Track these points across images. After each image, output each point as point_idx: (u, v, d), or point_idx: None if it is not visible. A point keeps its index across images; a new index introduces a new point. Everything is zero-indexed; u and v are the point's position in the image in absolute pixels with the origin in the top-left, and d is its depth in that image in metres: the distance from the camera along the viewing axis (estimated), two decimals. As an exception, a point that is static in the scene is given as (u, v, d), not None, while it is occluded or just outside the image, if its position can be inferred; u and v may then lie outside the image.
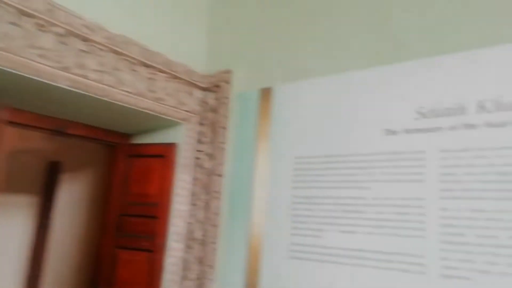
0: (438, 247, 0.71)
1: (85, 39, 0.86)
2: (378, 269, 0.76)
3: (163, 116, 1.05)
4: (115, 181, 1.17)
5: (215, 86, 1.13)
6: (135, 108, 0.98)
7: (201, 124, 1.13)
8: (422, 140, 0.77)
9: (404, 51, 0.84)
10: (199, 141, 1.12)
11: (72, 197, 1.59)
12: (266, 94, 1.04)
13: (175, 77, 1.07)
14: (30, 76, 0.79)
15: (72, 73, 0.84)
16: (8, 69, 0.76)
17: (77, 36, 0.85)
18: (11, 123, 0.93)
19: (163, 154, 1.12)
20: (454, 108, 0.75)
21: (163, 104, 1.03)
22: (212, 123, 1.11)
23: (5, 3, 0.74)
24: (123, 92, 0.94)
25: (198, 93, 1.14)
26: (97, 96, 0.90)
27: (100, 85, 0.89)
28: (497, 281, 0.64)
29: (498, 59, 0.72)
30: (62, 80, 0.83)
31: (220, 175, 1.05)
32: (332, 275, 0.82)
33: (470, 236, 0.68)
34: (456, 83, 0.76)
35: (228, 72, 1.11)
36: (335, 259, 0.82)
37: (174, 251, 1.05)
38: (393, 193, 0.78)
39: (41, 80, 0.81)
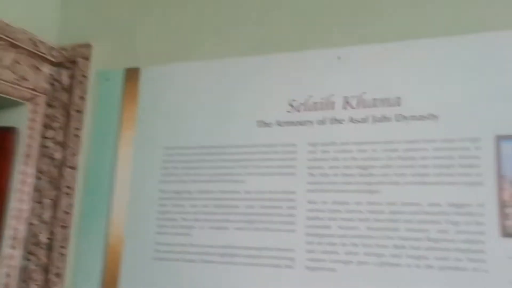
0: (304, 240, 0.71)
1: None
2: (248, 266, 0.74)
3: (-3, 94, 0.85)
4: None
5: (70, 62, 0.95)
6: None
7: (50, 105, 0.95)
8: (293, 133, 0.77)
9: (280, 43, 0.82)
10: (47, 126, 0.94)
11: None
12: (132, 75, 0.92)
13: (13, 46, 0.86)
14: None
15: None
16: None
17: None
18: None
19: (-3, 141, 0.90)
20: (323, 103, 0.77)
21: (-4, 78, 0.83)
22: (64, 105, 0.94)
23: None
24: None
25: (48, 69, 0.95)
26: None
27: None
28: (357, 270, 0.67)
29: (362, 58, 0.76)
30: None
31: (73, 168, 0.90)
32: (201, 275, 0.76)
33: (334, 228, 0.70)
34: (325, 78, 0.77)
35: (87, 46, 0.95)
36: (205, 258, 0.77)
37: (9, 260, 0.87)
38: (265, 186, 0.76)
39: None
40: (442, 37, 0.72)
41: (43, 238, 0.88)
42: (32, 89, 0.91)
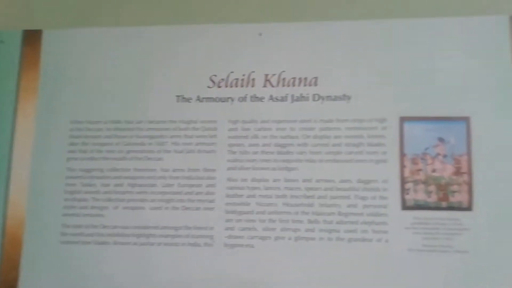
0: (224, 218, 0.72)
1: None
2: (166, 246, 0.72)
3: None
4: None
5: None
6: None
7: None
8: (214, 109, 0.75)
9: (201, 14, 0.79)
10: None
11: None
12: (33, 38, 0.81)
13: None
14: None
15: None
16: None
17: None
18: None
19: None
20: (244, 80, 0.76)
21: None
22: None
23: None
24: None
25: None
26: None
27: None
28: (274, 245, 0.70)
29: (282, 35, 0.76)
30: None
31: (-41, 143, 0.78)
32: (115, 257, 0.73)
33: (253, 205, 0.72)
34: (246, 55, 0.76)
35: (-27, 1, 0.82)
36: (119, 239, 0.73)
37: None
38: (184, 164, 0.74)
39: None
40: (359, 21, 0.75)
41: None
42: None
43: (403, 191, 0.69)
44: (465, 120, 0.70)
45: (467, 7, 0.75)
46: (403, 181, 0.69)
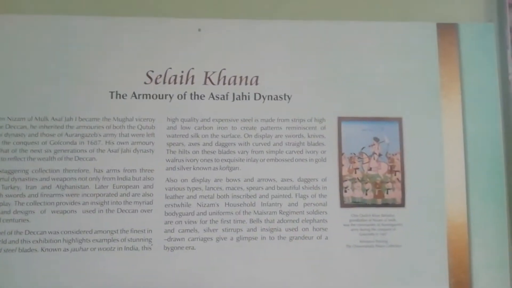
0: (163, 220, 0.69)
1: None
2: (101, 251, 0.67)
3: None
4: None
5: None
6: None
7: None
8: (151, 107, 0.72)
9: (138, 6, 0.76)
10: None
11: None
12: None
13: None
14: None
15: None
16: None
17: None
18: None
19: None
20: (183, 77, 0.73)
21: None
22: None
23: None
24: None
25: None
26: None
27: None
28: (215, 247, 0.69)
29: (223, 32, 0.75)
30: None
31: None
32: (44, 265, 0.67)
33: (194, 206, 0.70)
34: (185, 51, 0.74)
35: None
36: (48, 246, 0.67)
37: None
38: (119, 164, 0.70)
39: None
40: (299, 21, 0.76)
41: None
42: None
43: (342, 189, 0.71)
44: (398, 120, 0.73)
45: (400, 13, 0.79)
46: (342, 179, 0.71)
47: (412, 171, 0.72)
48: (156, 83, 0.73)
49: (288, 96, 0.74)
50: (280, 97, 0.74)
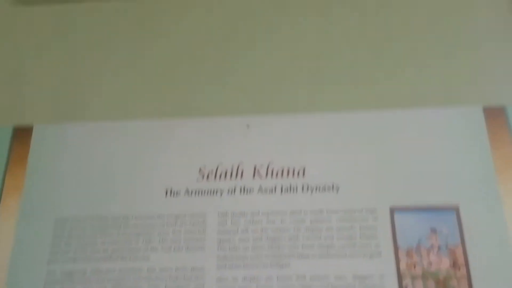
0: (213, 321, 0.67)
1: None
2: None
3: None
4: None
5: None
6: None
7: None
8: (202, 202, 0.74)
9: (188, 108, 0.82)
10: None
11: None
12: (23, 134, 0.81)
13: None
14: None
15: None
16: None
17: None
18: None
19: None
20: (232, 171, 0.76)
21: None
22: None
23: None
24: None
25: None
26: None
27: None
28: None
29: (269, 126, 0.78)
30: None
31: None
32: None
33: (245, 306, 0.68)
34: (234, 146, 0.78)
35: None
36: None
37: None
38: (171, 263, 0.70)
39: None
40: (342, 113, 0.78)
41: None
42: None
43: (401, 287, 0.66)
44: (455, 209, 0.70)
45: (443, 98, 0.79)
46: (400, 276, 0.66)
47: (478, 265, 0.66)
48: (207, 179, 0.76)
49: (336, 186, 0.73)
50: (328, 187, 0.73)
